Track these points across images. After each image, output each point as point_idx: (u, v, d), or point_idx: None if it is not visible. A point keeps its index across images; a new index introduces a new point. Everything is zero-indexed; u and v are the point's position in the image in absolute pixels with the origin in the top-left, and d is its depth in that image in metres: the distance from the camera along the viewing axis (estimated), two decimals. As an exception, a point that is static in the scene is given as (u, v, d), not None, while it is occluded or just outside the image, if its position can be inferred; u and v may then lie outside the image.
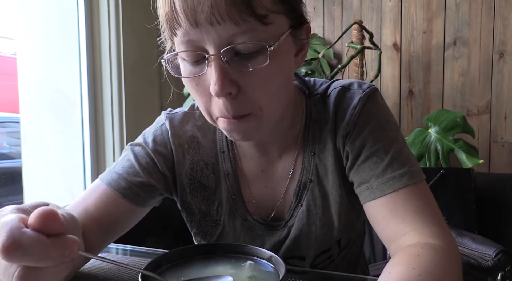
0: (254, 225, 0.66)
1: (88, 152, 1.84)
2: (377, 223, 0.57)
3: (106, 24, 1.76)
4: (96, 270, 0.59)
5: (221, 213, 0.66)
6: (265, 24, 0.48)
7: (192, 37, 0.48)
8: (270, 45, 0.48)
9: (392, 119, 0.62)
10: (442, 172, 1.27)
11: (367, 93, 0.61)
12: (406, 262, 0.47)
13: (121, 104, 1.80)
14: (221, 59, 0.48)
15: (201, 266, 0.47)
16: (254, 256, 0.47)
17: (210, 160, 0.66)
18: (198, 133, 0.67)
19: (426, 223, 0.53)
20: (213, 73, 0.48)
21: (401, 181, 0.55)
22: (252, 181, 0.66)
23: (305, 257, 0.67)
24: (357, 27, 1.73)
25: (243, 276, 0.44)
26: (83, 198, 0.61)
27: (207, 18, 0.46)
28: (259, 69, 0.49)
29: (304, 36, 0.57)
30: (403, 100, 1.93)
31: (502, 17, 1.75)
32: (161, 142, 0.66)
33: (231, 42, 0.48)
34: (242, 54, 0.49)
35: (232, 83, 0.49)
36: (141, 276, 0.40)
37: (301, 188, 0.64)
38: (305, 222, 0.64)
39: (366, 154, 0.58)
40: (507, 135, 1.78)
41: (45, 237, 0.34)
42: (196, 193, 0.67)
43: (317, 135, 0.63)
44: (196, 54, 0.50)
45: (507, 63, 1.76)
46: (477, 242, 1.03)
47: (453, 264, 0.50)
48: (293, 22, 0.53)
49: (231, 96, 0.50)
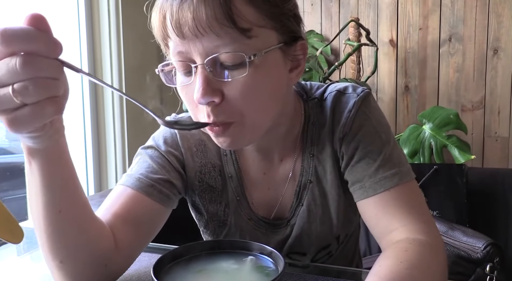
0: (258, 224, 0.70)
1: (90, 146, 1.86)
2: (370, 220, 0.61)
3: (106, 21, 1.78)
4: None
5: (228, 213, 0.70)
6: (248, 37, 0.50)
7: (181, 49, 0.52)
8: (250, 57, 0.50)
9: (384, 121, 0.66)
10: (435, 168, 1.31)
11: (361, 97, 0.64)
12: (395, 256, 0.51)
13: (121, 99, 1.83)
14: (205, 69, 0.51)
15: (206, 261, 0.51)
16: (255, 251, 0.51)
17: (217, 162, 0.69)
18: (204, 136, 0.69)
19: (414, 220, 0.57)
20: (197, 82, 0.51)
21: (392, 180, 0.59)
22: (255, 183, 0.69)
23: (306, 253, 0.71)
24: (354, 25, 1.76)
25: (245, 270, 0.48)
26: (109, 205, 0.61)
27: (191, 31, 0.49)
28: (240, 79, 0.51)
29: (299, 52, 0.58)
30: (399, 95, 1.96)
31: (496, 14, 1.78)
32: (171, 143, 0.68)
33: (215, 53, 0.50)
34: (226, 65, 0.51)
35: (215, 91, 0.51)
36: (153, 270, 0.44)
37: (301, 188, 0.68)
38: (306, 221, 0.68)
39: (360, 155, 0.62)
40: (500, 130, 1.83)
41: (35, 29, 0.37)
42: (204, 194, 0.70)
43: (315, 138, 0.66)
44: (186, 65, 0.53)
45: (501, 59, 1.79)
46: (467, 235, 1.07)
47: (438, 258, 0.54)
48: (285, 38, 0.55)
49: (214, 104, 0.52)
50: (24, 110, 0.37)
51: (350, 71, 1.88)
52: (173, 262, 0.48)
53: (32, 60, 0.36)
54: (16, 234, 0.88)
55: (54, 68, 0.38)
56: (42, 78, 0.37)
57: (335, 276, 0.59)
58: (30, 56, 0.36)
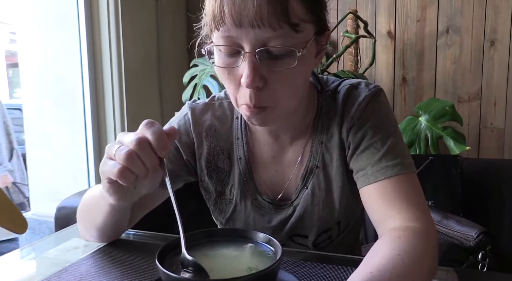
0: (263, 204, 0.74)
1: (91, 138, 1.88)
2: (369, 205, 0.64)
3: (105, 13, 1.78)
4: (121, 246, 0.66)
5: (234, 193, 0.75)
6: (297, 31, 0.55)
7: (232, 34, 0.56)
8: (299, 51, 0.56)
9: (392, 116, 0.69)
10: (431, 158, 1.33)
11: (373, 92, 0.68)
12: (388, 244, 0.54)
13: (121, 91, 1.84)
14: (255, 57, 0.56)
15: (208, 248, 0.53)
16: (254, 239, 0.54)
17: (226, 145, 0.75)
18: (216, 122, 0.75)
19: (410, 208, 0.60)
20: (246, 68, 0.56)
21: (393, 170, 0.62)
22: (263, 166, 0.74)
23: (308, 236, 0.74)
24: (352, 17, 1.77)
25: (245, 255, 0.51)
26: None
27: (250, 22, 0.54)
28: (286, 69, 0.57)
29: (324, 41, 0.64)
30: (396, 87, 1.98)
31: (494, 6, 1.79)
32: (184, 131, 0.74)
33: (266, 44, 0.55)
34: (273, 54, 0.56)
35: (261, 78, 0.57)
36: (157, 256, 0.47)
37: (308, 172, 0.72)
38: (309, 203, 0.72)
39: (365, 144, 0.66)
40: (496, 121, 1.85)
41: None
42: (213, 174, 0.75)
43: (326, 126, 0.71)
44: (233, 49, 0.57)
45: (498, 51, 1.81)
46: (461, 224, 1.10)
47: (430, 245, 0.56)
48: (318, 29, 0.61)
49: (258, 88, 0.57)
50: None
51: (348, 63, 1.89)
52: (176, 250, 0.50)
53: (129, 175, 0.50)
54: (20, 224, 0.90)
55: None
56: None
57: (335, 263, 0.62)
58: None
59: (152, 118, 0.52)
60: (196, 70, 1.79)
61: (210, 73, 1.71)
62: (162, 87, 2.07)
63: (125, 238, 0.75)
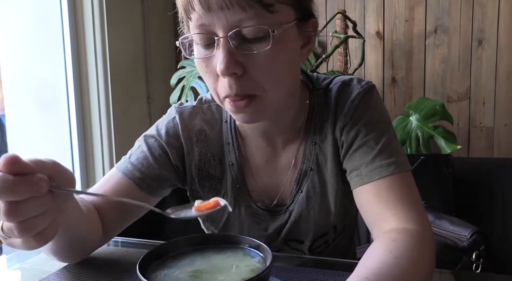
0: (257, 211, 0.71)
1: (76, 143, 1.83)
2: (363, 207, 0.62)
3: (90, 15, 1.74)
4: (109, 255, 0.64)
5: (227, 201, 0.71)
6: (271, 12, 0.53)
7: (204, 22, 0.54)
8: (273, 30, 0.53)
9: (386, 113, 0.67)
10: (422, 158, 1.32)
11: (365, 89, 0.66)
12: (384, 247, 0.52)
13: (107, 94, 1.80)
14: (228, 42, 0.53)
15: (195, 256, 0.50)
16: (244, 245, 0.51)
17: (217, 151, 0.71)
18: (206, 126, 0.71)
19: (405, 209, 0.58)
20: (220, 54, 0.53)
21: (387, 169, 0.60)
22: (256, 171, 0.71)
23: (304, 241, 0.71)
24: (341, 17, 1.76)
25: (234, 264, 0.48)
26: (101, 185, 0.67)
27: (218, 3, 0.52)
28: (262, 52, 0.54)
29: (311, 29, 0.62)
30: (386, 87, 1.98)
31: (481, 5, 1.79)
32: (173, 134, 0.70)
33: (238, 26, 0.53)
34: (248, 38, 0.54)
35: (238, 64, 0.54)
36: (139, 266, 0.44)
37: (302, 175, 0.69)
38: (304, 207, 0.69)
39: (358, 143, 0.63)
40: (485, 120, 1.85)
41: (10, 176, 0.37)
42: (204, 182, 0.72)
43: (319, 127, 0.68)
44: (207, 38, 0.55)
45: (486, 50, 1.81)
46: (454, 224, 1.09)
47: (426, 247, 0.54)
48: (299, 14, 0.58)
49: (236, 76, 0.54)
50: (15, 241, 0.42)
51: (337, 64, 1.88)
52: (160, 259, 0.47)
53: (14, 207, 0.37)
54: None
55: (39, 206, 0.39)
56: (26, 220, 0.38)
57: (329, 268, 0.59)
58: (12, 204, 0.37)
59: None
60: (183, 72, 1.77)
61: (198, 75, 1.68)
62: (149, 90, 2.03)
63: (112, 245, 0.73)
